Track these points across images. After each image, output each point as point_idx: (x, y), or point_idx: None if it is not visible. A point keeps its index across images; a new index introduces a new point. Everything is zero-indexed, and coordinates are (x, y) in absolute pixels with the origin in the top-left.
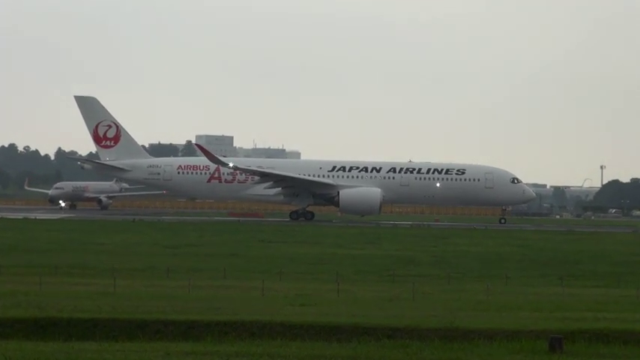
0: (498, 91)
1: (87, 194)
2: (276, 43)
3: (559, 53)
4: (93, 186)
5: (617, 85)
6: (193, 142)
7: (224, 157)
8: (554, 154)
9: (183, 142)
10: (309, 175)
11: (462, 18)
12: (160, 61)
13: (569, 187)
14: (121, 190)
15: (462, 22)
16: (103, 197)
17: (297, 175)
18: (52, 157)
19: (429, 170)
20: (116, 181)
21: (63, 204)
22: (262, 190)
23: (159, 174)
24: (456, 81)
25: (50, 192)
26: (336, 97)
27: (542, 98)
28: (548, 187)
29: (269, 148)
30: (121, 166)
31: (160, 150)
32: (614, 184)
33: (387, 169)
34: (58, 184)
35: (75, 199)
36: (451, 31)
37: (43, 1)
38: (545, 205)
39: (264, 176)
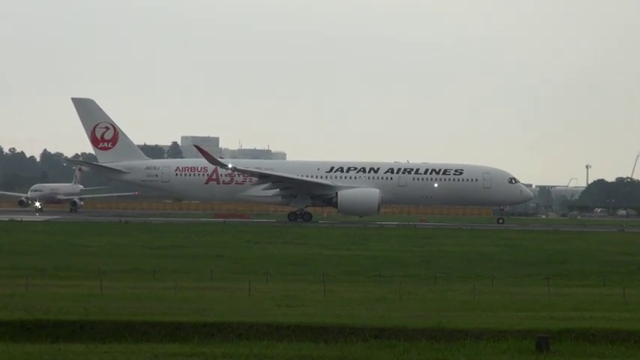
0: (484, 91)
1: (59, 196)
2: (261, 43)
3: (544, 53)
4: (62, 188)
5: (603, 84)
6: (179, 143)
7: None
8: (540, 153)
9: (169, 143)
10: (307, 176)
11: (452, 18)
12: (144, 62)
13: (554, 186)
14: (80, 192)
15: (452, 23)
16: (76, 199)
17: (295, 176)
18: (38, 159)
19: (426, 171)
20: (74, 182)
21: (39, 205)
22: (260, 191)
23: (157, 175)
24: (444, 80)
25: (28, 194)
26: (323, 97)
27: (527, 98)
28: (533, 186)
29: (255, 149)
30: (119, 168)
31: (145, 151)
32: (600, 183)
33: (385, 170)
34: (36, 186)
35: (51, 202)
36: (440, 30)
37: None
38: (531, 204)
39: (263, 177)
